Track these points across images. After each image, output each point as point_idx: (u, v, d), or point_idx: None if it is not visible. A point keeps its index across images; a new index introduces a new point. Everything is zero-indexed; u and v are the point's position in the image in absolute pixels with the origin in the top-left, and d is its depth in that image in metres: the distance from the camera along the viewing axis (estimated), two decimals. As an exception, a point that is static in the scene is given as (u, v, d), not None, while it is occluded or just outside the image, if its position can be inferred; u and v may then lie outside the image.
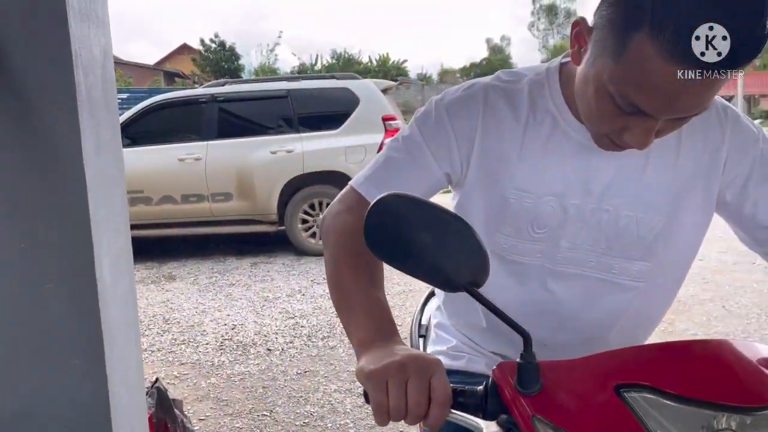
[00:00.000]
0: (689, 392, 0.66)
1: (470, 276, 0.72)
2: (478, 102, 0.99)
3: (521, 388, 0.69)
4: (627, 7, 0.77)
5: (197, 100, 6.61)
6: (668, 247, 1.00)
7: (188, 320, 4.57)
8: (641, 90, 0.77)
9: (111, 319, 1.30)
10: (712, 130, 0.98)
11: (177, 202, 6.23)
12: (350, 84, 6.41)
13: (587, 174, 0.96)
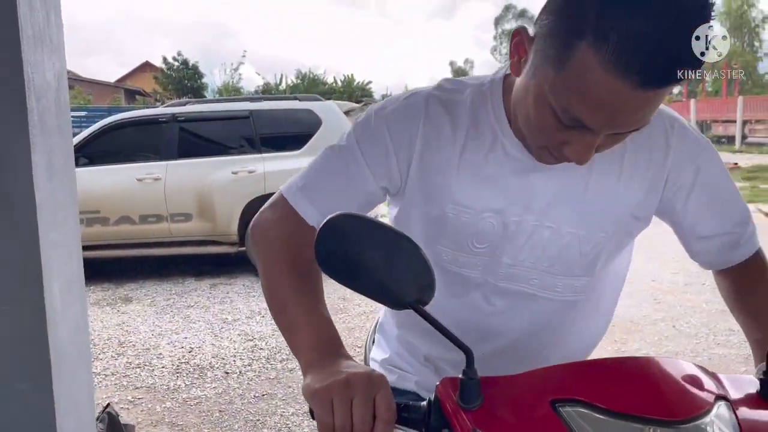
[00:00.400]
0: (619, 407, 0.69)
1: (417, 294, 0.74)
2: (418, 112, 0.96)
3: (463, 403, 0.71)
4: (570, 15, 0.75)
5: (157, 119, 6.55)
6: (608, 261, 1.02)
7: (144, 343, 4.48)
8: (583, 102, 0.76)
9: (60, 344, 1.29)
10: (657, 144, 0.97)
11: (135, 222, 6.14)
12: (313, 105, 6.45)
13: (528, 191, 0.94)
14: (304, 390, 0.76)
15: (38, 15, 1.30)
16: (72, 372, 1.37)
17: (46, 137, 1.29)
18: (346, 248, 0.74)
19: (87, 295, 1.53)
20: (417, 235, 0.99)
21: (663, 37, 0.70)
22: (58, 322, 1.29)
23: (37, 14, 1.28)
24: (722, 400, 0.73)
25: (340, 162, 0.97)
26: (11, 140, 1.19)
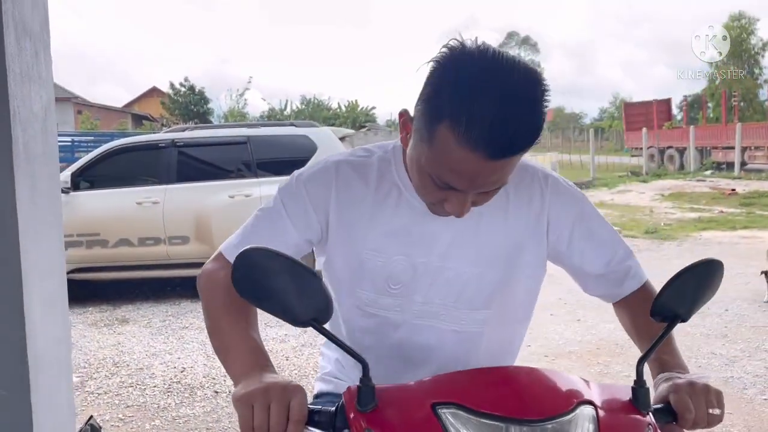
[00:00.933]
0: (488, 408, 0.81)
1: (314, 313, 0.88)
2: (330, 175, 1.13)
3: (360, 406, 0.85)
4: (433, 102, 0.92)
5: (157, 144, 6.71)
6: (506, 296, 1.16)
7: (138, 363, 4.57)
8: (448, 171, 0.93)
9: (39, 355, 1.40)
10: (535, 197, 1.14)
11: (134, 245, 6.26)
12: (309, 131, 6.61)
13: (430, 236, 1.10)
14: (232, 397, 0.89)
15: (26, 54, 1.43)
16: (51, 382, 1.47)
17: (30, 163, 1.41)
18: (256, 275, 0.87)
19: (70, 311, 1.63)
20: (342, 280, 1.15)
21: (501, 118, 0.87)
22: (38, 334, 1.40)
23: (25, 53, 1.42)
24: (587, 404, 0.84)
25: (268, 220, 1.15)
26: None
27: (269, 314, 0.91)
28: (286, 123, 7.23)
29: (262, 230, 1.13)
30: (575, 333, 5.01)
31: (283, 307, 0.88)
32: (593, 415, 0.83)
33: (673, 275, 0.95)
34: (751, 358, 4.35)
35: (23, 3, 1.40)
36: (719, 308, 5.66)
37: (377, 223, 1.11)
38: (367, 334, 1.15)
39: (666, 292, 0.94)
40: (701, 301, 0.97)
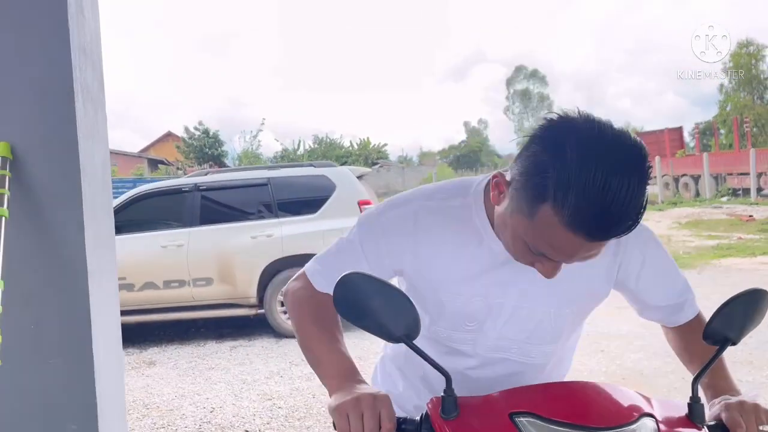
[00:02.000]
0: (561, 417, 0.91)
1: (405, 330, 0.99)
2: (409, 224, 1.17)
3: (444, 415, 0.96)
4: (536, 180, 0.93)
5: (180, 189, 6.90)
6: (572, 331, 1.27)
7: (168, 404, 4.65)
8: (547, 245, 0.97)
9: (104, 396, 1.50)
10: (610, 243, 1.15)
11: (159, 287, 6.39)
12: (327, 171, 6.77)
13: (508, 280, 1.16)
14: (329, 407, 1.00)
15: (90, 115, 1.57)
16: (113, 417, 1.57)
17: (95, 213, 1.54)
18: (354, 297, 0.99)
19: (120, 353, 1.75)
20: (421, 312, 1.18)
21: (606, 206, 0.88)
22: (102, 372, 1.51)
23: (89, 115, 1.56)
24: (648, 416, 0.94)
25: (347, 254, 1.22)
26: (68, 218, 1.44)
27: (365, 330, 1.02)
28: (305, 164, 7.40)
29: (341, 261, 1.20)
30: (599, 363, 5.03)
31: (378, 324, 0.99)
32: (654, 427, 0.93)
33: (723, 303, 1.05)
34: (778, 385, 4.33)
35: (86, 68, 1.55)
36: (743, 335, 5.64)
37: (458, 268, 1.16)
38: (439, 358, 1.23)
39: (717, 318, 1.04)
40: (750, 326, 1.06)
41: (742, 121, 27.00)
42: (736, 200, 20.71)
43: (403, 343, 1.00)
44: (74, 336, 1.43)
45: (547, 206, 0.92)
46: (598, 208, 0.88)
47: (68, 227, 1.43)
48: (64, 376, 1.43)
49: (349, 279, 0.99)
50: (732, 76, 34.65)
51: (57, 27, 1.40)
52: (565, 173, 0.89)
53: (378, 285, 0.99)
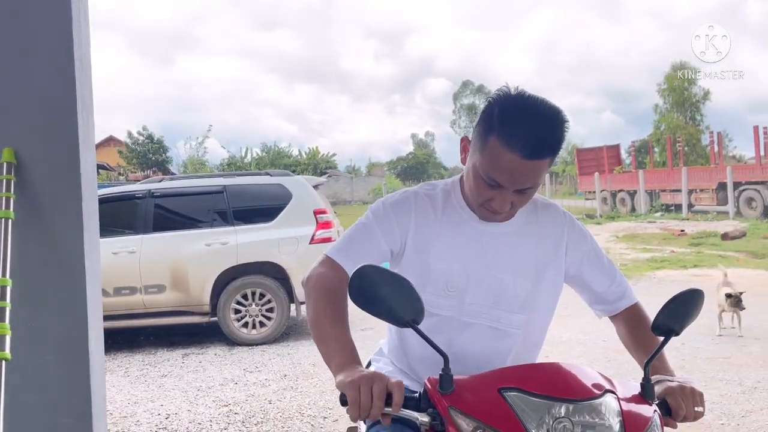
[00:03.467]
0: (542, 391, 1.09)
1: (412, 315, 1.15)
2: (410, 203, 1.46)
3: (441, 390, 1.11)
4: (487, 123, 1.30)
5: (133, 195, 6.84)
6: (535, 304, 1.46)
7: (121, 411, 4.61)
8: (495, 170, 1.28)
9: (96, 389, 1.57)
10: (558, 228, 1.50)
11: (109, 294, 6.30)
12: (283, 180, 6.84)
13: (480, 249, 1.42)
14: (339, 383, 1.13)
15: (85, 123, 1.65)
16: (102, 414, 1.65)
17: (90, 217, 1.62)
18: (367, 287, 1.14)
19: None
20: None
21: (533, 132, 1.26)
22: (95, 370, 1.58)
23: (85, 123, 1.64)
24: (610, 393, 1.13)
25: (364, 232, 1.45)
26: (69, 221, 1.51)
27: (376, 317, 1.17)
28: (261, 173, 7.44)
29: (361, 239, 1.43)
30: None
31: (389, 311, 1.14)
32: (616, 402, 1.12)
33: (667, 300, 1.27)
34: (707, 387, 4.66)
35: (83, 79, 1.63)
36: (676, 342, 6.01)
37: (442, 239, 1.43)
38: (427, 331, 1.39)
39: (663, 313, 1.26)
40: (689, 320, 1.29)
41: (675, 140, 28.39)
42: (669, 215, 21.74)
43: (410, 327, 1.15)
44: (72, 334, 1.50)
45: (493, 136, 1.27)
46: (527, 135, 1.25)
47: (69, 230, 1.50)
48: (61, 372, 1.50)
49: (364, 271, 1.14)
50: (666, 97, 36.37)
51: (62, 39, 1.48)
52: (506, 115, 1.27)
53: (388, 276, 1.14)
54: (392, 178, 41.76)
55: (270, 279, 6.54)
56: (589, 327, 6.40)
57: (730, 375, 4.97)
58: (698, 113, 36.61)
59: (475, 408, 1.09)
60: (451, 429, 1.09)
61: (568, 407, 1.07)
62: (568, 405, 1.07)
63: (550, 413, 1.07)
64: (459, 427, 1.08)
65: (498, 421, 1.07)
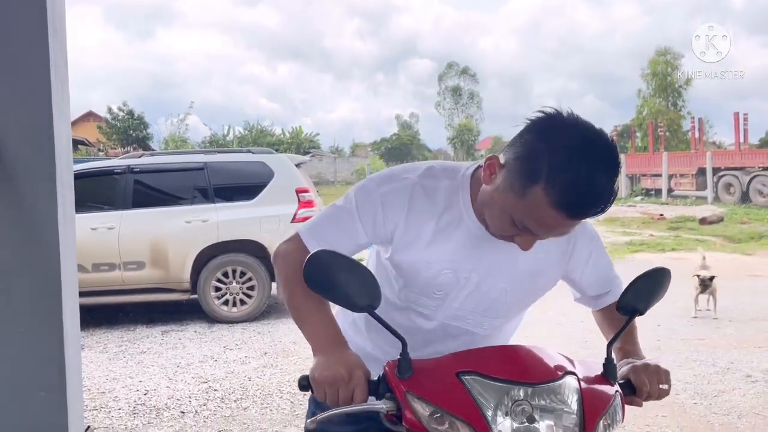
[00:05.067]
0: (500, 374, 1.07)
1: (369, 301, 1.12)
2: (406, 195, 1.30)
3: (399, 375, 1.09)
4: (530, 164, 1.10)
5: (112, 171, 6.75)
6: (520, 307, 1.43)
7: (99, 387, 4.59)
8: (533, 222, 1.13)
9: (71, 359, 1.56)
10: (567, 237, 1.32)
11: (87, 270, 6.23)
12: (265, 158, 6.79)
13: (477, 257, 1.31)
14: (310, 374, 1.12)
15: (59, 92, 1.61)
16: (75, 386, 1.63)
17: (64, 189, 1.59)
18: (323, 272, 1.11)
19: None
20: (394, 278, 1.37)
21: (588, 189, 1.08)
22: (70, 343, 1.56)
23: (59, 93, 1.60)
24: (571, 374, 1.12)
25: (342, 217, 1.32)
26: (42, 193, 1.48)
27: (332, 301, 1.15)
28: (242, 150, 7.38)
29: (336, 225, 1.32)
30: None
31: (345, 296, 1.11)
32: (576, 383, 1.10)
33: (633, 279, 1.24)
34: (681, 368, 4.75)
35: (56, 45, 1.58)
36: (652, 323, 6.11)
37: (437, 242, 1.30)
38: (401, 318, 1.38)
39: (628, 293, 1.23)
40: (655, 300, 1.26)
41: (657, 125, 28.60)
42: (649, 200, 21.99)
43: (366, 312, 1.12)
44: (45, 306, 1.48)
45: (538, 187, 1.09)
46: (581, 193, 1.07)
47: (42, 202, 1.47)
48: (34, 345, 1.48)
49: (319, 256, 1.11)
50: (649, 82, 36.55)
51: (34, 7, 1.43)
52: (556, 161, 1.07)
53: (345, 261, 1.11)
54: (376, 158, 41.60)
55: (251, 257, 6.51)
56: (568, 308, 6.47)
57: (704, 356, 5.06)
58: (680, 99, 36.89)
59: (433, 392, 1.07)
60: (408, 413, 1.07)
61: (526, 390, 1.06)
62: (526, 388, 1.06)
63: (509, 396, 1.05)
64: (416, 411, 1.06)
65: (455, 406, 1.05)
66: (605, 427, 1.11)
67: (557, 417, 1.06)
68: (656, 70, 36.19)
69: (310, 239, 1.31)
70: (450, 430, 1.05)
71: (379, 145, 48.18)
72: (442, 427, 1.05)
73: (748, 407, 3.95)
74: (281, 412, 4.02)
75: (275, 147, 29.91)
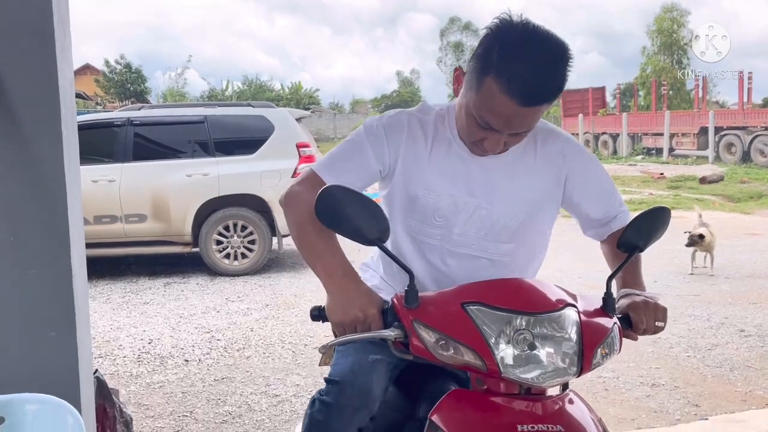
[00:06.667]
0: (503, 304, 1.12)
1: (378, 234, 1.16)
2: (403, 125, 1.40)
3: (407, 304, 1.14)
4: (484, 59, 1.20)
5: (112, 123, 6.72)
6: (527, 234, 1.44)
7: (104, 336, 4.68)
8: (489, 113, 1.21)
9: (80, 301, 1.59)
10: (558, 155, 1.43)
11: (90, 223, 6.26)
12: (266, 112, 6.74)
13: (472, 180, 1.37)
14: (326, 306, 1.21)
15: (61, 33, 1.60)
16: (84, 326, 1.67)
17: (68, 132, 1.59)
18: (334, 206, 1.15)
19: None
20: (398, 210, 1.42)
21: (533, 77, 1.16)
22: (77, 282, 1.59)
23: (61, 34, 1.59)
24: (571, 306, 1.16)
25: (352, 149, 1.40)
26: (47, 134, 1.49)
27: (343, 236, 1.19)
28: (243, 103, 7.31)
29: (351, 156, 1.39)
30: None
31: (355, 229, 1.15)
32: (576, 315, 1.15)
33: (634, 217, 1.28)
34: (676, 322, 4.83)
35: None
36: (649, 279, 6.12)
37: (431, 168, 1.38)
38: (411, 255, 1.42)
39: (628, 230, 1.28)
40: (654, 237, 1.30)
41: (660, 83, 28.30)
42: (650, 159, 21.92)
43: (376, 245, 1.17)
44: (54, 248, 1.49)
45: (490, 78, 1.17)
46: (527, 79, 1.15)
47: (47, 143, 1.48)
48: (44, 286, 1.50)
49: (329, 191, 1.15)
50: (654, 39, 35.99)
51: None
52: (505, 53, 1.17)
53: (354, 196, 1.15)
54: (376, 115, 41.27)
55: (252, 211, 6.54)
56: (566, 266, 6.55)
57: (699, 311, 5.14)
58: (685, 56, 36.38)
59: (438, 321, 1.12)
60: (415, 340, 1.12)
61: (528, 319, 1.11)
62: (528, 317, 1.11)
63: (511, 325, 1.10)
64: (422, 339, 1.12)
65: (460, 333, 1.10)
66: (603, 356, 1.17)
67: (557, 344, 1.12)
68: (662, 27, 35.59)
69: (326, 173, 1.36)
70: (455, 356, 1.11)
71: (380, 101, 47.72)
72: (447, 353, 1.11)
73: (740, 360, 4.04)
74: (283, 360, 4.11)
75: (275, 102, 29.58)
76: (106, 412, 2.18)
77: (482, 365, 1.10)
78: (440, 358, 1.12)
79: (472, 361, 1.10)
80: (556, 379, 1.12)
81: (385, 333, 1.15)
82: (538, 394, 1.14)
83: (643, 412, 3.31)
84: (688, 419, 3.20)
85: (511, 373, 1.09)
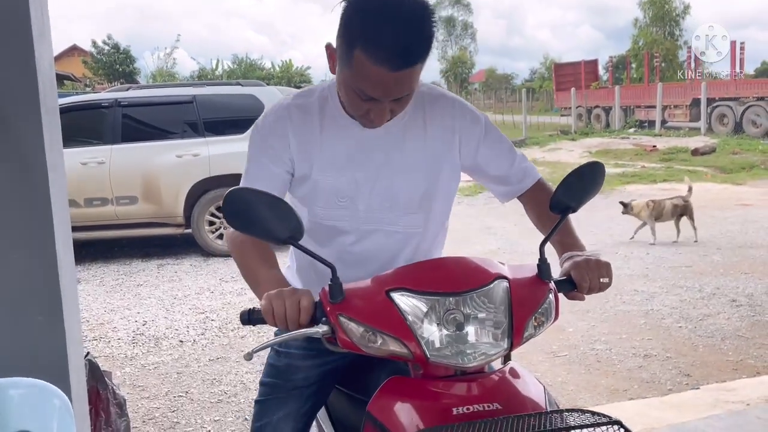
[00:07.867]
0: (428, 288, 1.09)
1: (290, 233, 1.11)
2: (285, 121, 1.36)
3: (332, 299, 1.11)
4: (348, 33, 1.18)
5: (100, 104, 6.64)
6: (432, 200, 1.42)
7: (98, 318, 4.68)
8: (366, 84, 1.19)
9: (66, 284, 1.57)
10: (447, 118, 1.40)
11: (80, 206, 6.23)
12: (255, 91, 6.67)
13: (366, 154, 1.35)
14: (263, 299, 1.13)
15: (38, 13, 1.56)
16: (73, 311, 1.66)
17: (47, 115, 1.56)
18: (241, 209, 1.10)
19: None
20: (303, 201, 1.39)
21: (400, 39, 1.14)
22: (63, 266, 1.57)
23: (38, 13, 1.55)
24: (502, 278, 1.13)
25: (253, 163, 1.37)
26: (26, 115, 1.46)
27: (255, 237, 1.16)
28: (232, 82, 7.24)
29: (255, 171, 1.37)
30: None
31: (266, 230, 1.11)
32: (507, 286, 1.13)
33: (565, 176, 1.22)
34: (668, 294, 4.87)
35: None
36: (642, 252, 6.22)
37: (324, 150, 1.35)
38: (325, 243, 1.40)
39: (560, 190, 1.22)
40: (588, 196, 1.25)
41: (653, 55, 28.17)
42: (642, 132, 21.88)
43: (290, 244, 1.13)
44: (36, 229, 1.47)
45: (358, 51, 1.16)
46: (391, 45, 1.14)
47: (26, 124, 1.44)
48: (28, 271, 1.49)
49: (235, 193, 1.10)
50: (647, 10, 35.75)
51: None
52: (367, 23, 1.16)
53: (262, 196, 1.11)
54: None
55: (244, 191, 6.50)
56: (514, 236, 6.59)
57: (690, 282, 5.18)
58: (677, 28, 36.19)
59: (363, 312, 1.09)
60: (342, 335, 1.09)
61: (457, 299, 1.08)
62: (455, 297, 1.08)
63: (438, 307, 1.08)
64: (348, 333, 1.09)
65: (384, 322, 1.08)
66: (536, 326, 1.14)
67: (486, 321, 1.09)
68: None
69: None
70: (383, 347, 1.08)
71: (371, 78, 47.28)
72: (375, 345, 1.09)
73: (731, 330, 4.07)
74: (277, 340, 4.12)
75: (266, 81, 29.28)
76: (99, 395, 2.18)
77: (408, 353, 1.07)
78: (368, 350, 1.09)
79: (397, 350, 1.08)
80: (485, 357, 1.10)
81: (313, 330, 1.12)
82: (476, 373, 1.11)
83: (636, 382, 3.34)
84: (679, 389, 3.24)
85: (437, 357, 1.07)
